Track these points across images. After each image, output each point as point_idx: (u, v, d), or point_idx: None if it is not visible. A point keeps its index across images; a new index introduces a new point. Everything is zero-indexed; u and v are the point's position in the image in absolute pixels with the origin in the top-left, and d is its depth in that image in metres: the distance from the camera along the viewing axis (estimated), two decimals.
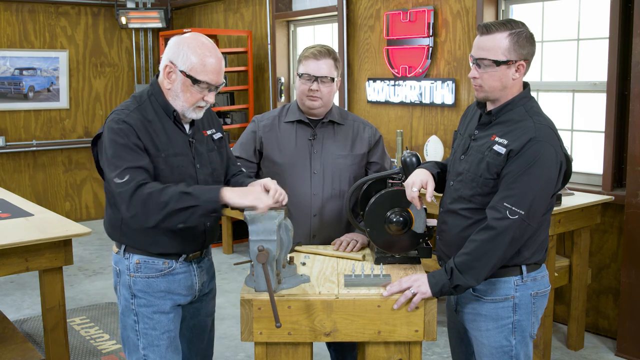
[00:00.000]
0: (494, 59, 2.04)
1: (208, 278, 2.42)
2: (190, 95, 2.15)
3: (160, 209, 2.01)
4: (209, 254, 2.44)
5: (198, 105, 2.18)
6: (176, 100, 2.18)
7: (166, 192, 2.02)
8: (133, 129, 2.10)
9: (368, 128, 2.77)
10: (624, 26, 3.79)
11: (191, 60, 2.11)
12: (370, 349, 2.11)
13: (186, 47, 2.13)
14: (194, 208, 2.02)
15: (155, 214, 2.02)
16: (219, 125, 2.43)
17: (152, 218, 2.03)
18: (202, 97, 2.16)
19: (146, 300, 2.24)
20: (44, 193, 7.33)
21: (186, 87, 2.14)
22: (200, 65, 2.11)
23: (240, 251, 6.17)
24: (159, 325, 2.24)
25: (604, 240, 4.06)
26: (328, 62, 2.60)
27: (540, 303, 2.17)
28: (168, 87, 2.18)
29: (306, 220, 2.65)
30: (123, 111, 2.14)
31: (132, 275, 2.24)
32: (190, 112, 2.19)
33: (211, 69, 2.13)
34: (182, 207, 2.01)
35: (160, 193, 2.01)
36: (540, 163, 1.99)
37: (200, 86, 2.14)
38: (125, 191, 2.02)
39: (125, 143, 2.07)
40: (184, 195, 2.02)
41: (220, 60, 2.16)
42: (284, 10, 6.27)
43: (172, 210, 2.01)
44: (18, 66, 7.01)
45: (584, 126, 4.24)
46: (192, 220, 2.05)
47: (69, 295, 4.89)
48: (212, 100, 2.19)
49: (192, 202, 2.01)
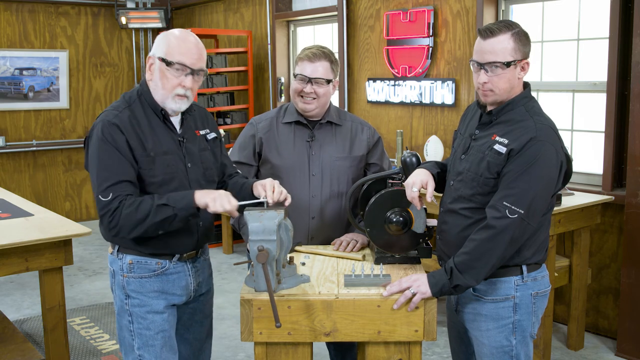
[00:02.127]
0: (503, 60, 2.03)
1: (204, 278, 2.41)
2: (167, 80, 2.15)
3: (140, 224, 2.09)
4: (205, 254, 2.43)
5: (177, 93, 2.16)
6: (157, 90, 2.18)
7: (143, 207, 2.08)
8: (120, 130, 2.12)
9: (366, 129, 2.76)
10: (624, 26, 3.79)
11: (166, 45, 2.16)
12: (370, 349, 2.11)
13: (163, 36, 2.19)
14: (172, 217, 2.10)
15: (135, 229, 2.10)
16: (214, 126, 2.43)
17: (133, 233, 2.11)
18: (179, 83, 2.15)
19: (139, 300, 2.24)
20: (44, 193, 7.33)
21: (162, 73, 2.15)
22: (173, 47, 2.14)
23: (240, 251, 6.17)
24: (153, 325, 2.24)
25: (604, 240, 4.06)
26: (324, 64, 2.59)
27: (540, 303, 2.17)
28: (149, 79, 2.20)
29: (304, 222, 2.64)
30: (112, 112, 2.16)
31: (125, 275, 2.24)
32: (170, 102, 2.17)
33: (184, 50, 2.13)
34: (161, 220, 2.09)
35: (137, 210, 2.08)
36: (540, 163, 1.99)
37: (175, 68, 2.13)
38: (107, 212, 2.09)
39: (112, 152, 2.11)
40: (160, 208, 2.09)
41: (195, 44, 2.16)
42: (284, 10, 6.27)
43: (151, 224, 2.09)
44: (18, 66, 7.02)
45: (584, 126, 4.24)
46: (171, 227, 2.13)
47: (69, 295, 4.89)
48: (190, 85, 2.16)
49: (169, 212, 2.09)
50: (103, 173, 2.11)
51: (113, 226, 2.10)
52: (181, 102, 2.19)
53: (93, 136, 2.15)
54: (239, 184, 2.36)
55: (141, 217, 2.08)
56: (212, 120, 2.44)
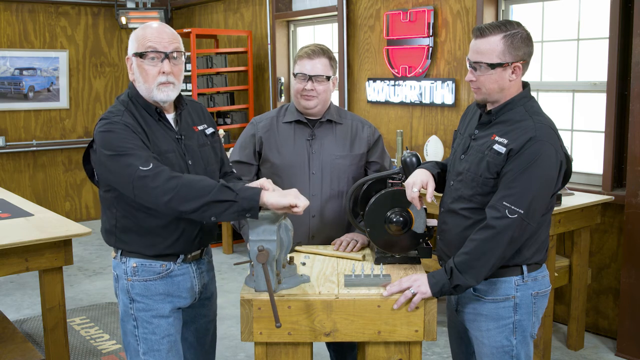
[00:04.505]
0: (489, 62, 2.04)
1: (208, 280, 2.39)
2: (146, 73, 2.13)
3: (199, 197, 1.96)
4: (208, 255, 2.41)
5: (159, 81, 2.13)
6: (141, 86, 2.16)
7: (206, 182, 1.99)
8: (131, 129, 2.09)
9: (367, 127, 2.76)
10: (624, 26, 3.79)
11: (134, 40, 2.16)
12: (370, 349, 2.11)
13: (132, 34, 2.19)
14: (231, 203, 1.96)
15: (193, 200, 1.96)
16: (210, 120, 2.40)
17: (189, 205, 1.97)
18: (158, 71, 2.13)
19: (145, 304, 2.21)
20: (44, 193, 7.33)
21: (140, 67, 2.14)
22: (140, 38, 2.14)
23: (240, 251, 6.17)
24: (158, 330, 2.21)
25: (604, 240, 4.06)
26: (323, 60, 2.60)
27: (540, 303, 2.17)
28: (132, 79, 2.19)
29: (305, 221, 2.64)
30: (116, 115, 2.13)
31: (129, 279, 2.21)
32: (156, 93, 2.14)
33: (151, 36, 2.12)
34: (221, 200, 1.96)
35: (199, 181, 1.98)
36: (540, 162, 1.99)
37: (149, 57, 2.12)
38: (157, 174, 1.97)
39: (133, 136, 2.06)
40: (224, 189, 1.97)
41: (159, 28, 2.15)
42: (284, 10, 6.28)
43: (210, 201, 1.96)
44: (18, 66, 7.01)
45: (584, 126, 4.24)
46: (225, 215, 1.99)
47: (69, 295, 4.89)
48: (168, 68, 2.12)
49: (231, 197, 1.96)
50: (135, 151, 2.02)
51: (166, 191, 1.96)
52: (167, 90, 2.15)
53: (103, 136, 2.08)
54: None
55: (204, 188, 1.96)
56: (208, 114, 2.41)
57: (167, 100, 2.17)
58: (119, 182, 2.07)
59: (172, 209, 2.00)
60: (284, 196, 1.99)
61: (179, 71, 2.18)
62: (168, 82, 2.14)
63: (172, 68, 2.14)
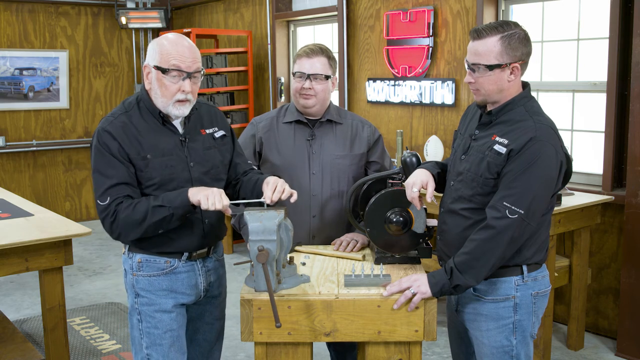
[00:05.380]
0: (487, 63, 2.04)
1: (216, 279, 2.41)
2: (165, 88, 2.15)
3: (138, 226, 2.12)
4: (217, 254, 2.42)
5: (177, 99, 2.16)
6: (157, 98, 2.18)
7: (139, 209, 2.11)
8: (112, 136, 2.14)
9: (367, 127, 2.76)
10: (624, 26, 3.79)
11: (158, 52, 2.15)
12: (370, 349, 2.11)
13: (155, 44, 2.18)
14: (169, 217, 2.11)
15: (136, 230, 2.13)
16: (223, 123, 2.40)
17: (132, 235, 2.15)
18: (178, 89, 2.14)
19: (148, 299, 2.25)
20: (44, 193, 7.33)
21: (160, 81, 2.15)
22: (165, 54, 2.13)
23: (240, 251, 6.17)
24: (160, 324, 2.25)
25: (604, 240, 4.06)
26: (321, 59, 2.60)
27: (540, 303, 2.17)
28: (148, 87, 2.21)
29: (305, 221, 2.65)
30: (108, 119, 2.20)
31: (135, 274, 2.26)
32: (172, 109, 2.17)
33: (177, 54, 2.13)
34: (158, 220, 2.11)
35: (133, 212, 2.11)
36: (540, 162, 1.99)
37: (171, 74, 2.13)
38: (106, 216, 2.14)
39: (106, 158, 2.14)
40: (156, 209, 2.11)
41: (186, 47, 2.15)
42: (284, 10, 6.27)
43: (149, 225, 2.12)
44: (18, 66, 7.01)
45: (584, 126, 4.24)
46: (171, 225, 2.15)
47: (69, 295, 4.89)
48: (189, 88, 2.15)
49: (165, 213, 2.10)
50: (100, 178, 2.15)
51: (114, 229, 2.15)
52: (183, 108, 2.19)
53: (92, 145, 2.20)
54: (253, 181, 2.33)
55: (139, 218, 2.11)
56: (221, 118, 2.42)
57: (181, 116, 2.22)
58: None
59: (125, 241, 2.23)
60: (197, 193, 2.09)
61: (196, 89, 2.21)
62: (186, 99, 2.18)
63: (192, 87, 2.17)
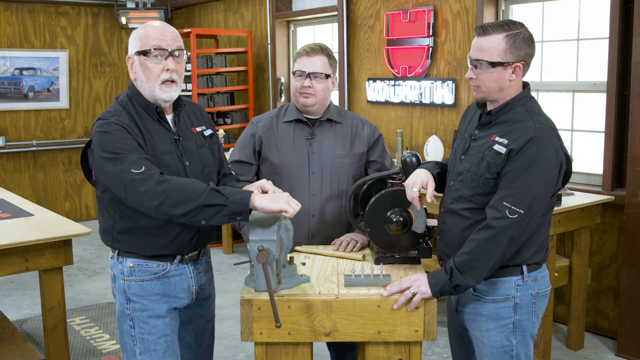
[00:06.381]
0: (490, 60, 2.04)
1: (206, 280, 2.39)
2: (149, 71, 2.13)
3: (189, 201, 1.96)
4: (206, 255, 2.40)
5: (163, 79, 2.13)
6: (143, 85, 2.15)
7: (196, 185, 1.99)
8: (126, 129, 2.09)
9: (367, 126, 2.76)
10: (624, 26, 3.79)
11: (137, 38, 2.15)
12: (370, 349, 2.11)
13: (133, 34, 2.19)
14: (221, 207, 1.97)
15: (183, 205, 1.97)
16: (209, 122, 2.40)
17: (179, 209, 1.98)
18: (162, 68, 2.13)
19: (141, 304, 2.21)
20: (44, 193, 7.33)
21: (143, 65, 2.14)
22: (144, 37, 2.13)
23: (240, 251, 6.17)
24: (154, 330, 2.21)
25: (604, 240, 4.06)
26: (321, 58, 2.60)
27: (540, 303, 2.17)
28: (134, 78, 2.19)
29: (305, 220, 2.64)
30: (113, 115, 2.13)
31: (126, 279, 2.21)
32: (159, 93, 2.14)
33: (154, 35, 2.13)
34: (211, 204, 1.97)
35: (189, 185, 1.98)
36: (540, 162, 1.99)
37: (153, 55, 2.12)
38: (148, 178, 1.98)
39: (129, 138, 2.07)
40: (214, 192, 1.98)
41: (162, 26, 2.15)
42: (284, 10, 6.28)
43: (200, 205, 1.97)
44: (18, 66, 7.01)
45: (584, 126, 4.24)
46: (216, 219, 2.00)
47: (69, 295, 4.89)
48: (173, 66, 2.13)
49: (221, 201, 1.97)
50: (128, 153, 2.02)
51: (156, 194, 1.97)
52: (170, 90, 2.15)
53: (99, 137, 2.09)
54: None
55: (191, 193, 1.96)
56: (206, 116, 2.42)
57: (169, 99, 2.18)
58: (113, 184, 2.08)
59: (163, 212, 2.01)
60: (275, 201, 1.98)
61: (181, 69, 2.19)
62: (172, 79, 2.15)
63: (176, 66, 2.15)
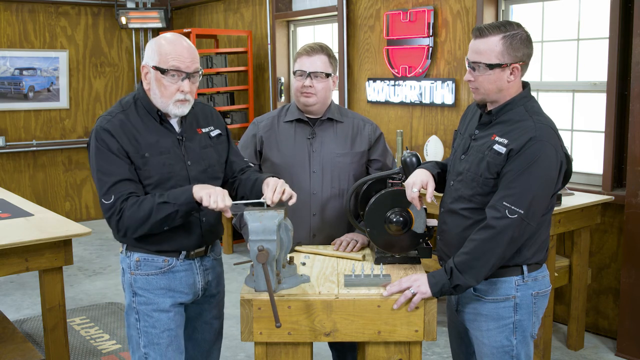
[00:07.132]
0: (487, 62, 2.04)
1: (214, 278, 2.41)
2: (165, 88, 2.16)
3: (144, 223, 2.12)
4: (215, 253, 2.42)
5: (177, 99, 2.17)
6: (156, 98, 2.20)
7: (145, 207, 2.12)
8: (111, 134, 2.15)
9: (368, 125, 2.76)
10: (624, 26, 3.79)
11: (157, 52, 2.16)
12: (370, 349, 2.11)
13: (153, 44, 2.18)
14: (174, 213, 2.12)
15: (142, 226, 2.13)
16: (220, 123, 2.42)
17: (139, 232, 2.16)
18: (177, 89, 2.16)
19: (146, 298, 2.25)
20: (44, 193, 7.33)
21: (159, 81, 2.16)
22: (164, 54, 2.14)
23: (240, 251, 6.17)
24: (158, 324, 2.25)
25: (604, 240, 4.06)
26: (322, 57, 2.60)
27: (541, 303, 2.17)
28: (147, 88, 2.22)
29: (306, 219, 2.64)
30: (105, 117, 2.21)
31: (132, 273, 2.26)
32: (172, 108, 2.19)
33: (175, 55, 2.14)
34: (163, 217, 2.12)
35: (139, 209, 2.12)
36: (540, 162, 1.99)
37: (170, 74, 2.14)
38: (112, 214, 2.14)
39: (107, 156, 2.15)
40: (161, 205, 2.11)
41: (185, 47, 2.16)
42: (284, 10, 6.27)
43: (154, 222, 2.12)
44: (18, 66, 7.01)
45: (584, 126, 4.24)
46: (175, 222, 2.15)
47: (69, 295, 4.89)
48: (188, 88, 2.17)
49: (170, 210, 2.11)
50: (102, 177, 2.15)
51: (120, 228, 2.15)
52: (183, 107, 2.20)
53: (91, 144, 2.20)
54: (252, 180, 2.34)
55: (144, 216, 2.11)
56: (217, 117, 2.44)
57: (181, 114, 2.23)
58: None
59: (130, 238, 2.21)
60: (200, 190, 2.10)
61: (195, 89, 2.24)
62: (185, 99, 2.19)
63: (190, 87, 2.19)
